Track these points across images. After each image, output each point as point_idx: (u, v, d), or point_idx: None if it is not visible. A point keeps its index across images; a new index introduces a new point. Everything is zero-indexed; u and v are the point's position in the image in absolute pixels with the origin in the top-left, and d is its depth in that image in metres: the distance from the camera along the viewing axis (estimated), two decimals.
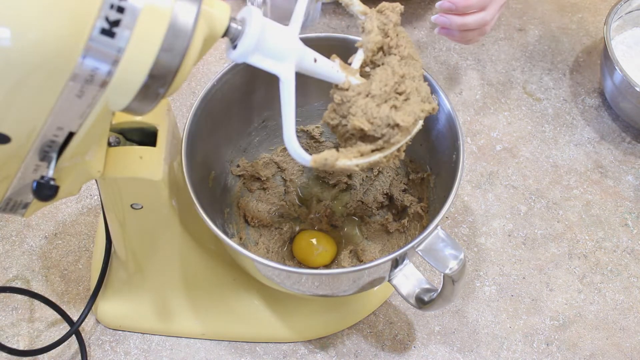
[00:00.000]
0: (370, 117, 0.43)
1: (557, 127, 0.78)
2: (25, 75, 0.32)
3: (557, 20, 0.87)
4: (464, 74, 0.82)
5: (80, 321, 0.59)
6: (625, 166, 0.75)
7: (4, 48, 0.31)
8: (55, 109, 0.35)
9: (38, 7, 0.31)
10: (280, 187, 0.66)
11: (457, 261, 0.48)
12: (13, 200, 0.41)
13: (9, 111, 0.34)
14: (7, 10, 0.31)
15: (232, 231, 0.62)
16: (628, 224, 0.71)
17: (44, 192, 0.38)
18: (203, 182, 0.56)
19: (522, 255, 0.69)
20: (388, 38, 0.45)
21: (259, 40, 0.39)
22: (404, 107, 0.44)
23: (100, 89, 0.35)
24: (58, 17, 0.32)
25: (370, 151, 0.44)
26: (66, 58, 0.33)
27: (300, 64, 0.41)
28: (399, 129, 0.43)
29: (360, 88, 0.44)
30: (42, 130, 0.36)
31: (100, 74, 0.34)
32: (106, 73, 0.34)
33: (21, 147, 0.37)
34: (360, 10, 0.46)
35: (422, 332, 0.64)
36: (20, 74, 0.32)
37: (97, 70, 0.34)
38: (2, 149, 0.36)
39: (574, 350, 0.63)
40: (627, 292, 0.67)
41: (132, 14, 0.33)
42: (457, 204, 0.72)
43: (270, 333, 0.63)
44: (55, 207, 0.71)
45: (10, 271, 0.67)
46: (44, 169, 0.39)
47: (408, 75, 0.45)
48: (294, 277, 0.50)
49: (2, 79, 0.32)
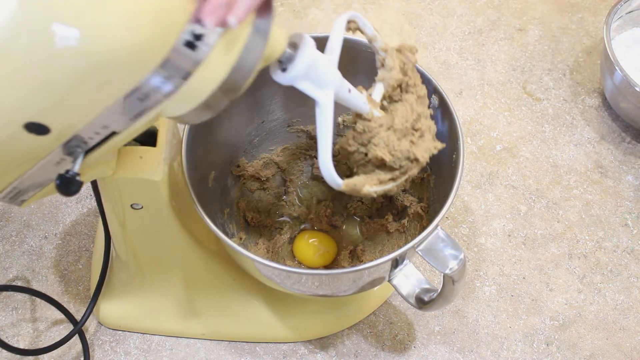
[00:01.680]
0: (391, 149, 0.46)
1: (557, 127, 0.78)
2: (93, 75, 0.32)
3: (557, 20, 0.87)
4: (464, 74, 0.82)
5: (83, 320, 0.58)
6: (625, 166, 0.75)
7: (74, 48, 0.30)
8: (109, 109, 0.35)
9: (124, 12, 0.31)
10: (280, 187, 0.66)
11: (457, 261, 0.48)
12: (18, 189, 0.41)
13: (59, 105, 0.33)
14: (88, 11, 0.30)
15: (232, 231, 0.62)
16: (628, 224, 0.71)
17: (71, 188, 0.38)
18: (203, 182, 0.56)
19: (522, 255, 0.69)
20: (407, 77, 0.48)
21: (309, 67, 0.41)
22: (419, 143, 0.47)
23: (165, 97, 0.35)
24: (143, 25, 0.32)
25: (388, 180, 0.48)
26: (142, 66, 0.33)
27: (337, 92, 0.43)
28: (417, 163, 0.47)
29: (382, 120, 0.47)
30: (86, 126, 0.36)
31: (171, 84, 0.34)
32: (176, 83, 0.34)
33: (56, 140, 0.36)
34: (382, 46, 0.48)
35: (422, 332, 0.64)
36: (89, 75, 0.32)
37: (169, 79, 0.34)
38: (36, 139, 0.35)
39: (574, 350, 0.63)
40: (627, 292, 0.67)
41: (216, 31, 0.34)
42: (457, 204, 0.72)
43: (270, 333, 0.63)
44: (55, 207, 0.71)
45: (10, 271, 0.67)
46: (68, 163, 0.39)
47: (423, 114, 0.48)
48: (294, 277, 0.50)
49: (65, 75, 0.32)
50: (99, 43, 0.31)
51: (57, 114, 0.34)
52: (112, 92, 0.34)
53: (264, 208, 0.65)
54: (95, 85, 0.33)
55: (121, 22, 0.31)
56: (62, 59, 0.31)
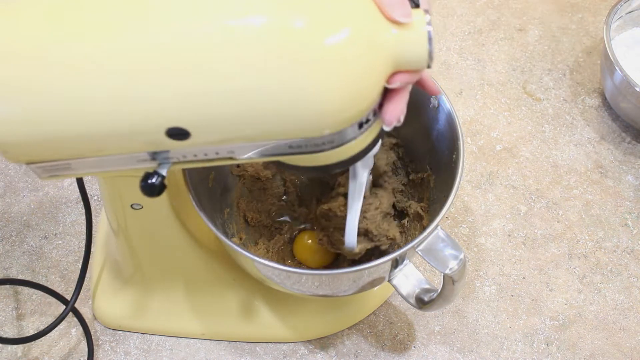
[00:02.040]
0: (377, 225, 0.56)
1: (557, 127, 0.78)
2: (286, 125, 0.36)
3: (557, 20, 0.87)
4: (464, 74, 0.82)
5: (73, 299, 0.58)
6: (625, 166, 0.75)
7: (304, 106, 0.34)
8: (268, 143, 0.38)
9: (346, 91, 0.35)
10: (280, 187, 0.66)
11: (457, 261, 0.48)
12: (68, 166, 0.40)
13: (228, 124, 0.36)
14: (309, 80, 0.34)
15: (232, 231, 0.62)
16: (628, 224, 0.71)
17: (159, 189, 0.39)
18: (203, 182, 0.56)
19: (522, 255, 0.69)
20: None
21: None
22: (392, 225, 0.58)
23: (307, 153, 0.39)
24: (355, 108, 0.36)
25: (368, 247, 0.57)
26: (323, 130, 0.37)
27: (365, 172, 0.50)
28: (391, 240, 0.57)
29: (371, 200, 0.57)
30: (221, 146, 0.38)
31: (325, 147, 0.39)
32: (328, 147, 0.39)
33: (179, 147, 0.38)
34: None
35: (422, 332, 0.64)
36: (284, 123, 0.36)
37: (328, 144, 0.38)
38: (163, 140, 0.37)
39: (574, 350, 0.63)
40: (627, 292, 0.67)
41: (375, 119, 0.39)
42: (457, 204, 0.72)
43: (270, 333, 0.63)
44: (55, 207, 0.71)
45: (10, 271, 0.67)
46: (149, 163, 0.40)
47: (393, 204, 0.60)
48: (294, 277, 0.50)
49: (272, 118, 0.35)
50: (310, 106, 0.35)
51: (207, 125, 0.36)
52: (283, 136, 0.37)
53: (264, 208, 0.65)
54: (281, 130, 0.36)
55: (339, 97, 0.35)
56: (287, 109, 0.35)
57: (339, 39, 0.34)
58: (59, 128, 0.36)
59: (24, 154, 0.38)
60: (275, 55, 0.33)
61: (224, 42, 0.33)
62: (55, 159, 0.39)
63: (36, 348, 0.63)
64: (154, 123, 0.35)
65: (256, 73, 0.33)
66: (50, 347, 0.63)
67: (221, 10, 0.34)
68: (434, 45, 0.36)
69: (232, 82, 0.34)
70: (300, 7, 0.33)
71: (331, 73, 0.34)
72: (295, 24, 0.33)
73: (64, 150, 0.38)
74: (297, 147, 0.38)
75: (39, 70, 0.35)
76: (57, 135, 0.36)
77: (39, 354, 0.62)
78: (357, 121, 0.37)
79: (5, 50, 0.35)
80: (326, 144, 0.38)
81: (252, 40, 0.33)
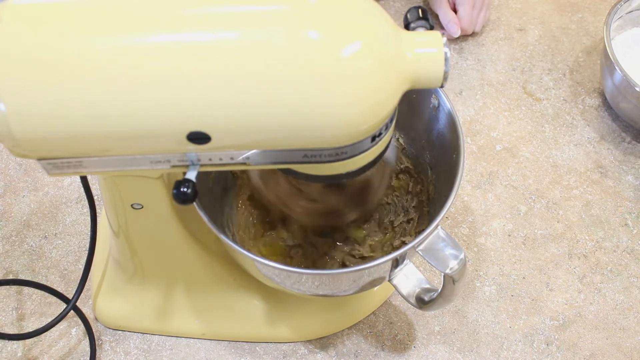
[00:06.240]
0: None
1: (557, 127, 0.78)
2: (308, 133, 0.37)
3: (557, 20, 0.87)
4: (464, 74, 0.82)
5: (76, 297, 0.58)
6: (625, 166, 0.75)
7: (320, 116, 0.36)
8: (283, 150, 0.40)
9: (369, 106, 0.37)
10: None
11: (457, 261, 0.48)
12: (79, 163, 0.40)
13: (253, 130, 0.37)
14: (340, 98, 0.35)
15: (232, 231, 0.62)
16: (628, 224, 0.71)
17: (191, 195, 0.39)
18: (203, 182, 0.56)
19: (522, 255, 0.69)
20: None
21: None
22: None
23: (318, 163, 0.41)
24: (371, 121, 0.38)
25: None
26: (341, 142, 0.38)
27: None
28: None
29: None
30: (239, 151, 0.39)
31: (338, 157, 0.40)
32: (340, 158, 0.40)
33: (195, 150, 0.39)
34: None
35: (422, 332, 0.64)
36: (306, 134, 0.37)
37: (341, 154, 0.40)
38: (182, 142, 0.37)
39: (574, 350, 0.63)
40: (627, 292, 0.67)
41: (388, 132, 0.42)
42: (457, 204, 0.72)
43: (270, 333, 0.63)
44: (55, 207, 0.71)
45: (10, 271, 0.67)
46: (162, 164, 0.40)
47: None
48: (294, 277, 0.50)
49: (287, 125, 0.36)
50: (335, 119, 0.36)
51: (236, 132, 0.37)
52: (302, 143, 0.38)
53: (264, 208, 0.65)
54: (298, 139, 0.37)
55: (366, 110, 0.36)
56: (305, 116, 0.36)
57: (360, 57, 0.35)
58: (82, 128, 0.36)
59: (38, 150, 0.38)
60: (297, 68, 0.34)
61: (249, 53, 0.34)
62: (70, 156, 0.39)
63: (36, 348, 0.63)
64: (177, 126, 0.36)
65: (278, 85, 0.35)
66: (50, 347, 0.63)
67: (248, 21, 0.35)
68: (449, 65, 0.38)
69: (254, 93, 0.35)
70: (326, 25, 0.35)
71: (351, 88, 0.35)
72: (321, 40, 0.35)
73: (81, 149, 0.39)
74: (312, 157, 0.39)
75: (66, 72, 0.35)
76: (79, 134, 0.37)
77: (39, 353, 0.62)
78: (372, 134, 0.39)
79: (34, 52, 0.35)
80: (339, 155, 0.39)
81: (276, 53, 0.34)
